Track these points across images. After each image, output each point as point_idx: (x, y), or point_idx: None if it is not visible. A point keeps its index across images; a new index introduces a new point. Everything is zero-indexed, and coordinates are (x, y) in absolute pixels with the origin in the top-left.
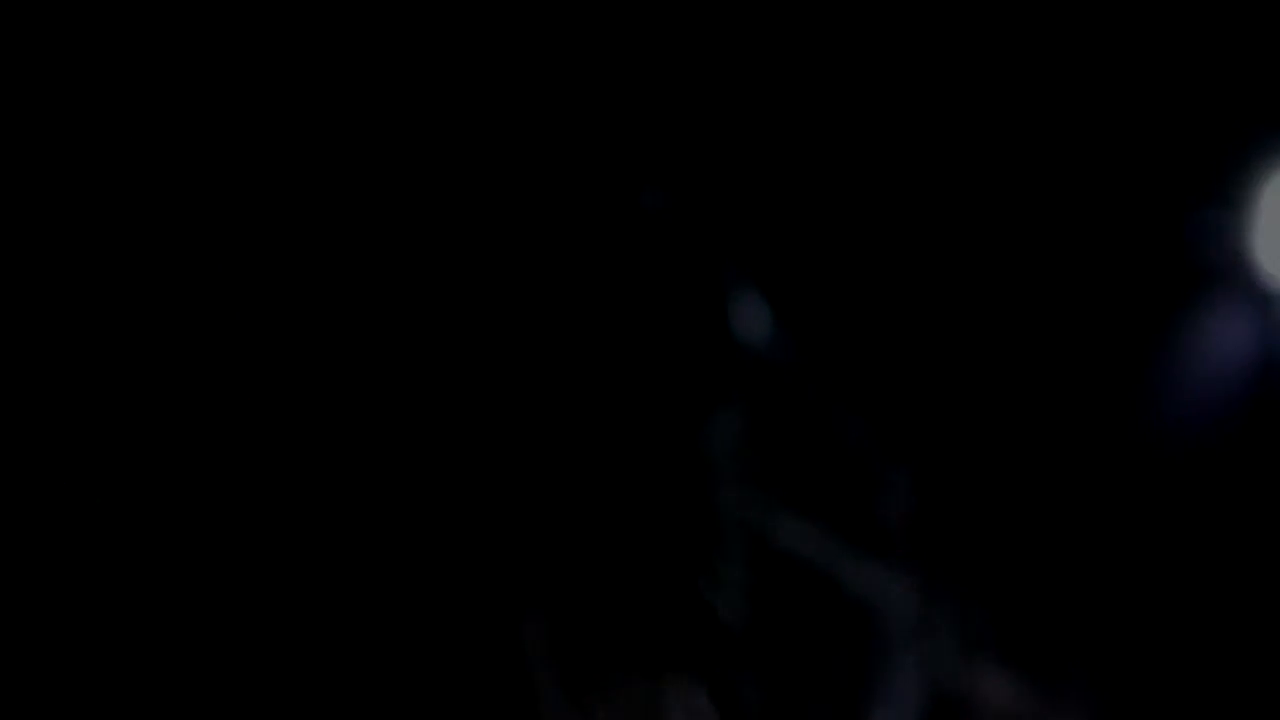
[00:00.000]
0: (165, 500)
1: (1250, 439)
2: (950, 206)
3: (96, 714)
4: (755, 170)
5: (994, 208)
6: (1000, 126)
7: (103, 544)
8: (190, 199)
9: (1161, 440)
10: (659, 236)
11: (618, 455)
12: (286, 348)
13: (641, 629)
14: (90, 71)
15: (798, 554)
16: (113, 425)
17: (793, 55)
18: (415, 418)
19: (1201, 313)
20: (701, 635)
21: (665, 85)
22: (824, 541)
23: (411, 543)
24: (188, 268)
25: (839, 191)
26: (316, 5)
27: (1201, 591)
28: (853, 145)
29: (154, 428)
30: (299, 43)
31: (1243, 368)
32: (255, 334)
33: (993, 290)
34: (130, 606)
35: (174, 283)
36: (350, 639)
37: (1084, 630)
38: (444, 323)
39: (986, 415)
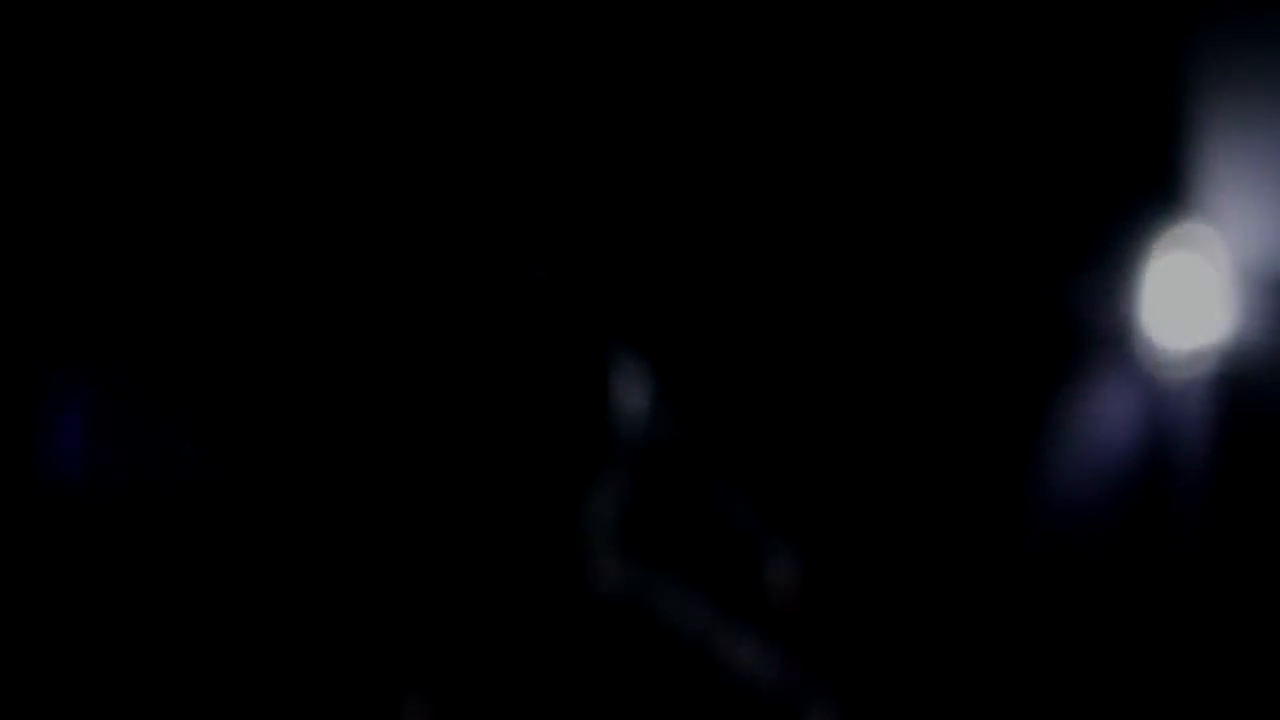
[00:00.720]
0: None
1: (1138, 508)
2: (833, 279)
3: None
4: (639, 244)
5: (879, 279)
6: (885, 197)
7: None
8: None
9: (1049, 511)
10: (543, 310)
11: (499, 528)
12: None
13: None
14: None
15: (678, 626)
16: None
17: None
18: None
19: (1088, 382)
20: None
21: (549, 160)
22: (704, 614)
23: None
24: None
25: (724, 267)
26: None
27: (1087, 662)
28: (736, 221)
29: None
30: None
31: (1130, 437)
32: None
33: (879, 362)
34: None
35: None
36: None
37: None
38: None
39: (873, 488)
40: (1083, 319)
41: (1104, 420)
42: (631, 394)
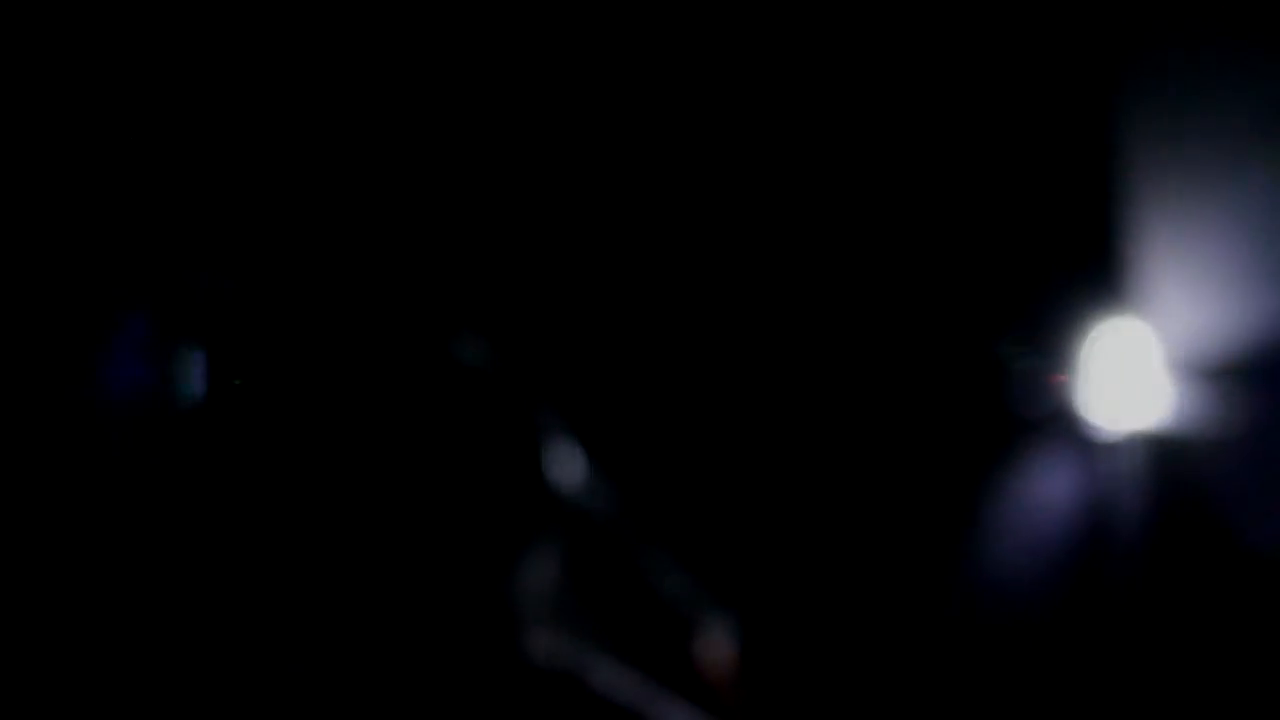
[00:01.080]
0: None
1: (1076, 589)
2: (767, 359)
3: None
4: (570, 319)
5: (814, 356)
6: (822, 276)
7: None
8: None
9: (986, 590)
10: (474, 384)
11: (429, 599)
12: None
13: None
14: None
15: (610, 696)
16: None
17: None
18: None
19: (1025, 466)
20: None
21: (478, 235)
22: (639, 685)
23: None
24: None
25: (657, 340)
26: None
27: None
28: (666, 296)
29: None
30: None
31: (1066, 519)
32: None
33: (814, 438)
34: None
35: None
36: None
37: None
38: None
39: (810, 565)
40: (1019, 406)
41: (1041, 502)
42: (564, 467)
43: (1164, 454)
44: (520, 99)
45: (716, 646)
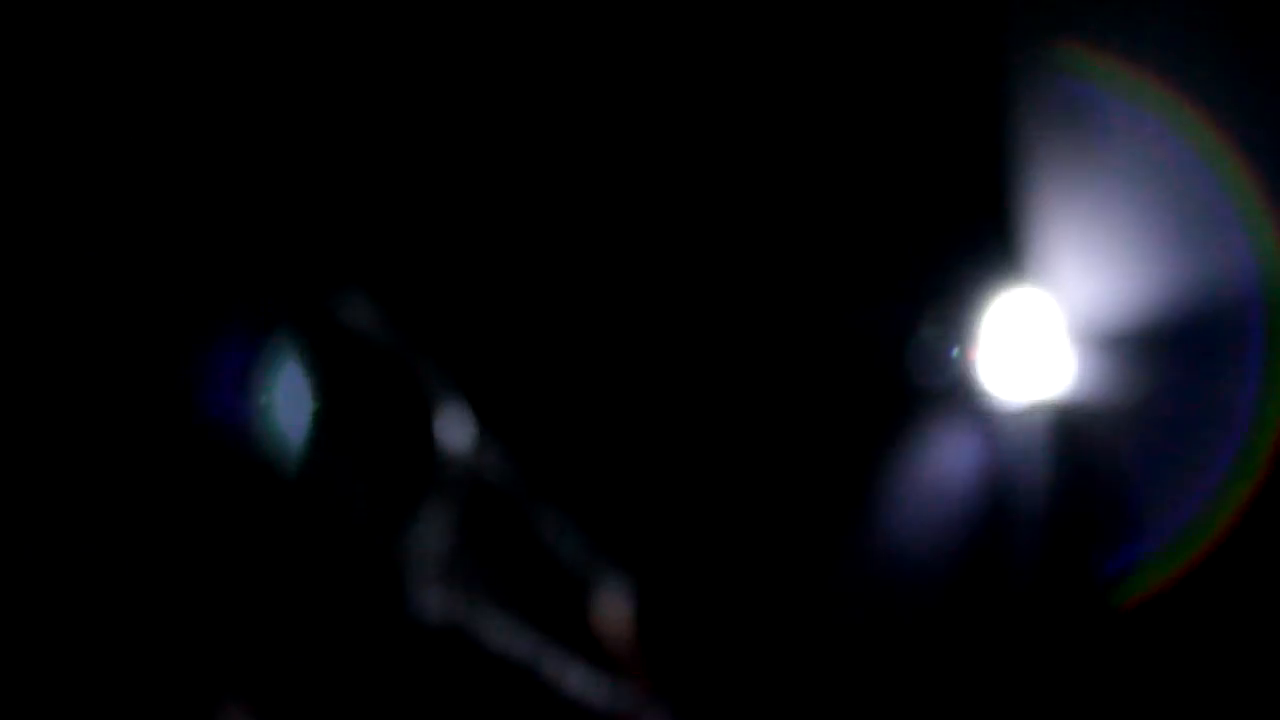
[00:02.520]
0: None
1: (977, 560)
2: (670, 321)
3: None
4: (461, 278)
5: (716, 320)
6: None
7: None
8: None
9: (884, 558)
10: (364, 346)
11: (321, 558)
12: None
13: None
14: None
15: (504, 654)
16: None
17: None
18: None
19: (925, 435)
20: None
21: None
22: (531, 642)
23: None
24: None
25: (550, 297)
26: None
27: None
28: (562, 253)
29: None
30: None
31: (966, 488)
32: None
33: (711, 410)
34: None
35: None
36: None
37: None
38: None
39: (705, 530)
40: (918, 376)
41: (940, 473)
42: (454, 429)
43: (1064, 423)
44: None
45: (611, 606)
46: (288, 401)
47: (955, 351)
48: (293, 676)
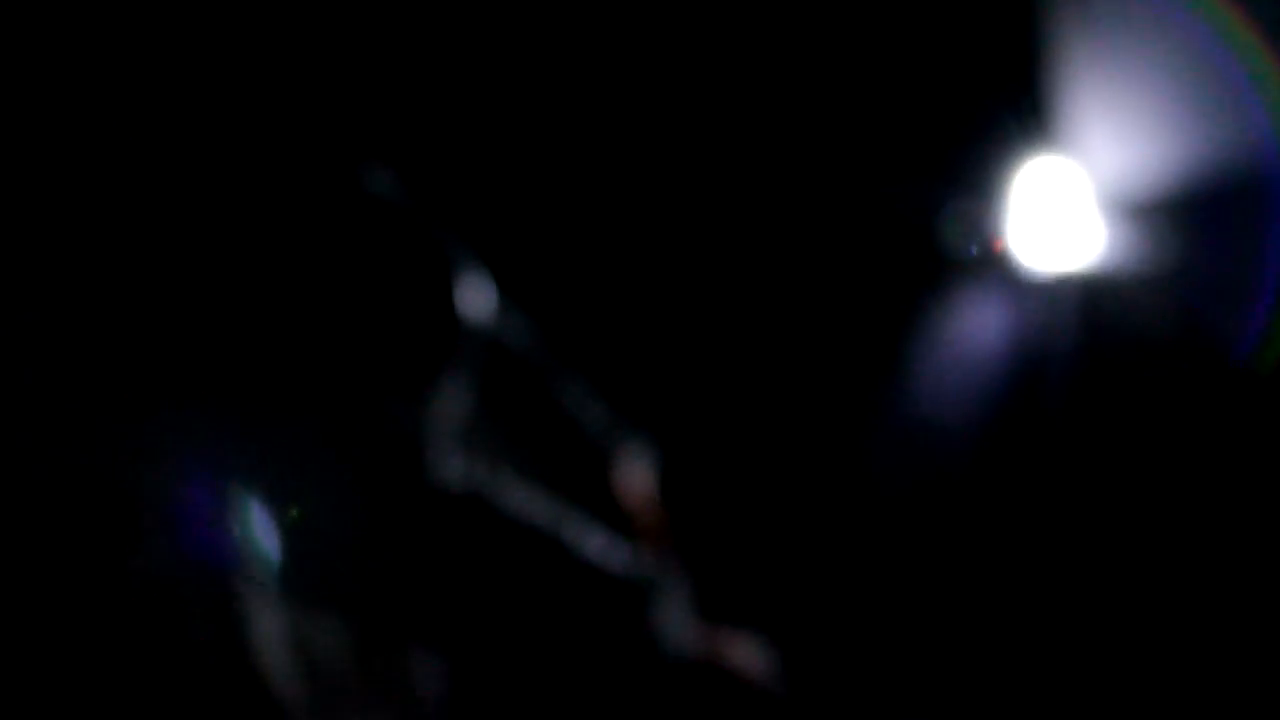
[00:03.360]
0: None
1: (1005, 430)
2: (695, 189)
3: None
4: (483, 147)
5: (742, 189)
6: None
7: None
8: None
9: (912, 426)
10: (386, 215)
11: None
12: None
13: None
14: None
15: (525, 520)
16: None
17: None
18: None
19: (954, 305)
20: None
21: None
22: (553, 509)
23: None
24: None
25: (572, 165)
26: None
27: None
28: (583, 122)
29: None
30: None
31: (995, 358)
32: None
33: (742, 275)
34: None
35: None
36: None
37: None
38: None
39: (732, 394)
40: (948, 246)
41: (970, 343)
42: (476, 296)
43: (1093, 293)
44: None
45: (634, 473)
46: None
47: (985, 221)
48: (319, 545)
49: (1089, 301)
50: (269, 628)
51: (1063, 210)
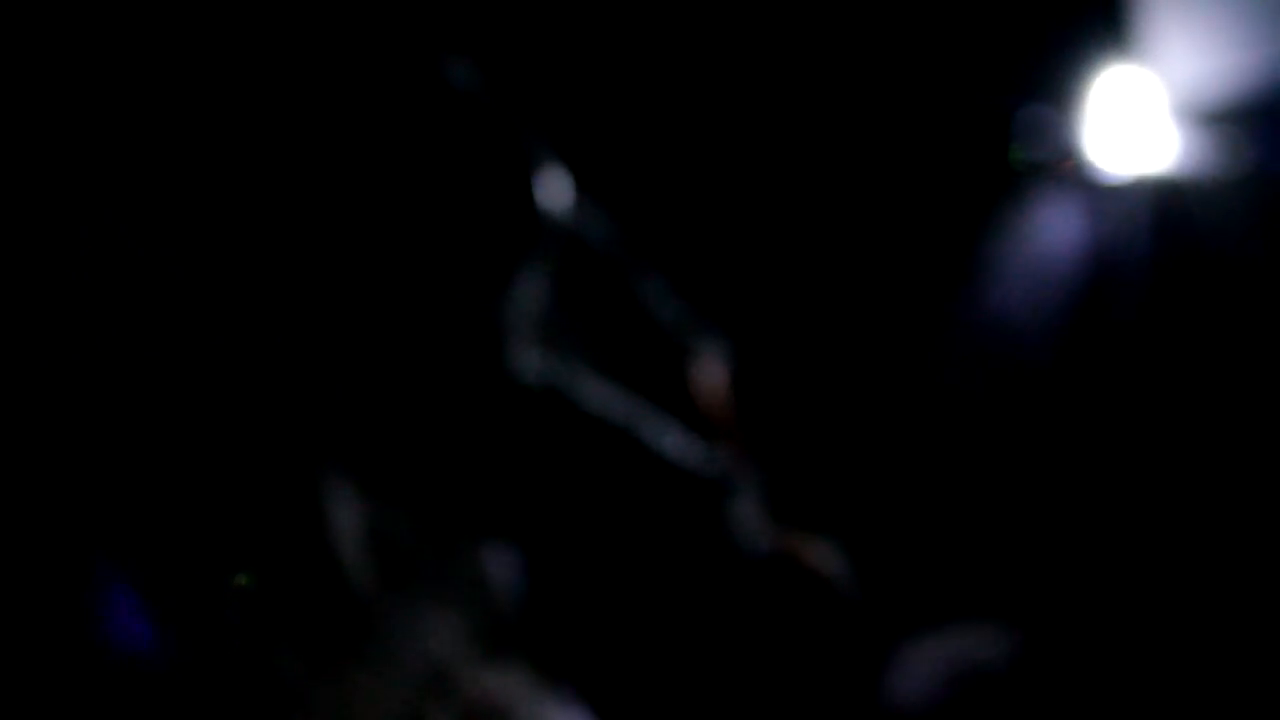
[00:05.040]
0: None
1: (1080, 335)
2: (770, 87)
3: None
4: (562, 39)
5: (828, 94)
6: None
7: None
8: None
9: (987, 330)
10: (465, 108)
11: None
12: None
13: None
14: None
15: (604, 416)
16: None
17: None
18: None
19: (1032, 209)
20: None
21: None
22: (631, 405)
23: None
24: None
25: (651, 63)
26: None
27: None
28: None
29: None
30: None
31: (1073, 263)
32: None
33: (821, 177)
34: None
35: None
36: None
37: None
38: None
39: (808, 298)
40: (1024, 151)
41: (1046, 245)
42: (554, 190)
43: (1169, 197)
44: None
45: (710, 370)
46: None
47: (1062, 128)
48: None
49: (1163, 207)
50: (346, 519)
51: (1138, 117)
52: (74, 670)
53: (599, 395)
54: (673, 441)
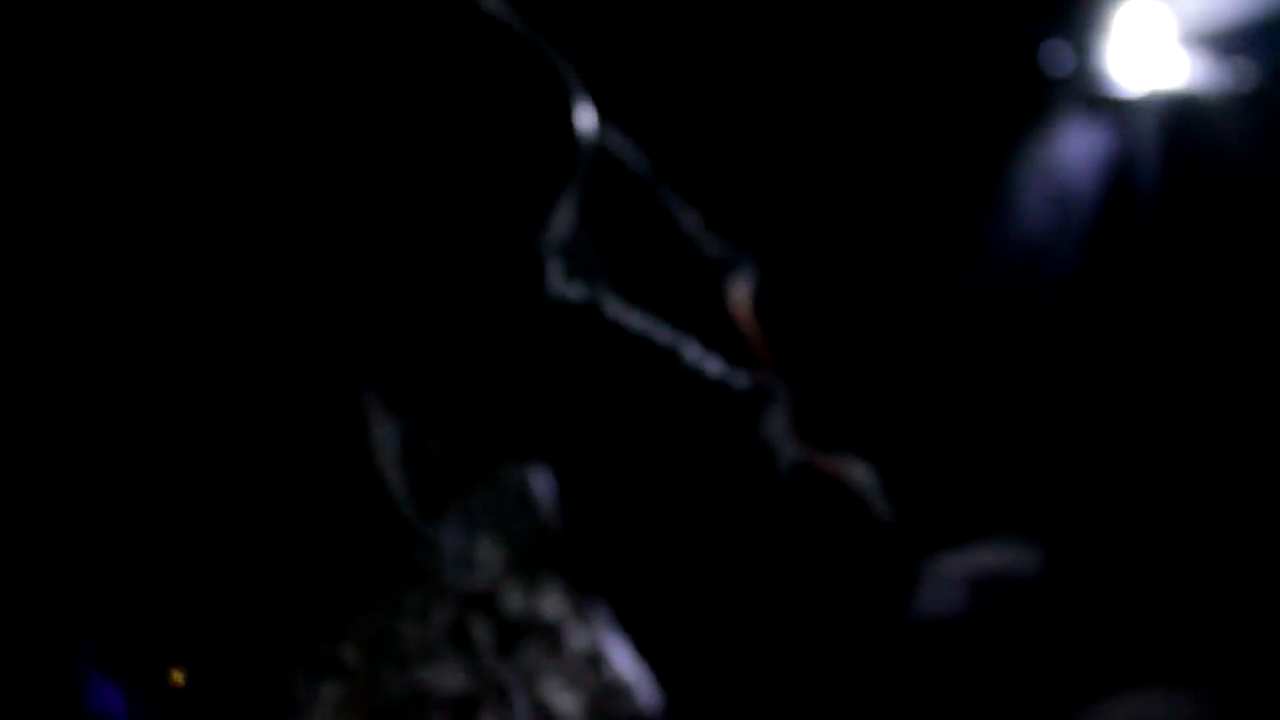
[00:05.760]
0: None
1: (1096, 246)
2: (798, 19)
3: None
4: None
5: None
6: None
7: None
8: None
9: (1009, 243)
10: (497, 37)
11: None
12: None
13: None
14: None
15: (633, 330)
16: None
17: None
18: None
19: (1048, 124)
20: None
21: None
22: (659, 321)
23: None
24: None
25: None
26: None
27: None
28: None
29: None
30: None
31: (1089, 177)
32: None
33: (847, 100)
34: None
35: None
36: None
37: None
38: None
39: (835, 215)
40: (1040, 68)
41: (1062, 161)
42: (589, 116)
43: (1182, 114)
44: None
45: (741, 291)
46: None
47: (1080, 51)
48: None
49: (1176, 124)
50: (387, 443)
51: (1153, 38)
52: None
53: (632, 316)
54: (706, 360)
